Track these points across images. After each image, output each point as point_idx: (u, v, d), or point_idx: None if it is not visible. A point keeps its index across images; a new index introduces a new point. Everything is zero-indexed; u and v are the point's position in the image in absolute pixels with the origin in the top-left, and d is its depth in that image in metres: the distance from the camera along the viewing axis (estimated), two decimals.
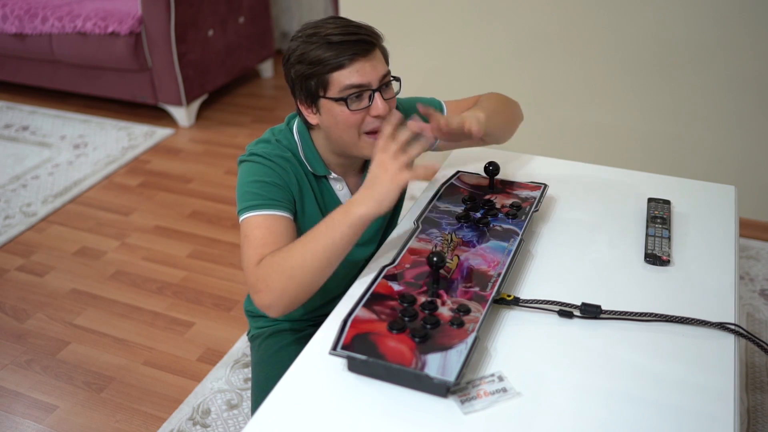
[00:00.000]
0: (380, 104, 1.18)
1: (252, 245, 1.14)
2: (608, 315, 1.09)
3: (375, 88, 1.18)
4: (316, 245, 1.09)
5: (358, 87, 1.16)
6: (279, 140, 1.28)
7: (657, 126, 2.51)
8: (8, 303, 2.23)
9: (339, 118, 1.19)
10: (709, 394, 0.95)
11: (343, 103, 1.17)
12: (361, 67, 1.15)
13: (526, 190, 1.37)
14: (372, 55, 1.17)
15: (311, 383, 0.98)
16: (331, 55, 1.14)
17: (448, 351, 0.95)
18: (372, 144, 1.20)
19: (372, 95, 1.18)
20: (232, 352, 1.99)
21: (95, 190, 2.87)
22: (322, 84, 1.17)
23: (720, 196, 1.43)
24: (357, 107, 1.18)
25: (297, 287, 1.10)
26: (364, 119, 1.19)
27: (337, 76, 1.15)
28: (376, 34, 1.20)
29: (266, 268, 1.10)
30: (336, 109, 1.18)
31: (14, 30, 3.35)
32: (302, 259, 1.09)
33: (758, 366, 1.88)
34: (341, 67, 1.15)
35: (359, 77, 1.16)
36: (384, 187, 1.07)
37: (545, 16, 2.48)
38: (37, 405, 1.85)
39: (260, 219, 1.17)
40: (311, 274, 1.09)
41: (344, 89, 1.16)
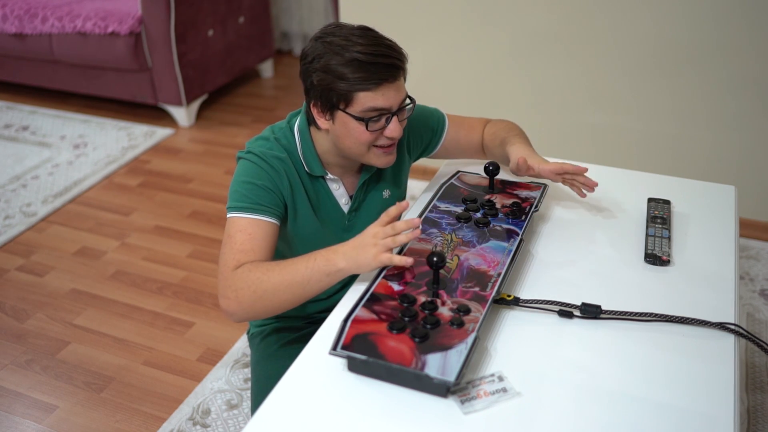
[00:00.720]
0: (395, 128, 1.20)
1: (232, 248, 1.17)
2: (608, 315, 1.09)
3: (394, 111, 1.19)
4: (292, 279, 1.11)
5: (380, 110, 1.18)
6: (278, 138, 1.29)
7: (657, 126, 2.51)
8: (8, 303, 2.23)
9: (353, 133, 1.20)
10: (709, 394, 0.95)
11: (362, 123, 1.18)
12: (387, 92, 1.17)
13: (526, 190, 1.37)
14: (398, 80, 1.18)
15: (311, 383, 0.98)
16: (361, 76, 1.14)
17: (448, 351, 0.95)
18: (380, 155, 1.24)
19: (390, 117, 1.19)
20: (232, 352, 1.99)
21: (95, 190, 2.87)
22: (345, 99, 1.17)
23: (720, 196, 1.43)
24: (374, 128, 1.19)
25: (263, 308, 1.15)
26: (377, 137, 1.21)
27: (362, 97, 1.16)
28: (404, 56, 1.20)
29: (241, 281, 1.13)
30: (352, 125, 1.19)
31: (14, 30, 3.34)
32: (275, 287, 1.12)
33: (758, 366, 1.88)
34: (368, 89, 1.15)
35: (383, 101, 1.17)
36: (367, 259, 1.09)
37: (545, 17, 2.48)
38: (37, 405, 1.85)
39: (245, 222, 1.19)
40: (279, 302, 1.14)
41: (366, 110, 1.17)
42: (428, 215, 1.28)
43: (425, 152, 1.48)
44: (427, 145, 1.46)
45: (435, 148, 1.48)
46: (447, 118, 1.47)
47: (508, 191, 1.36)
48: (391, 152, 1.25)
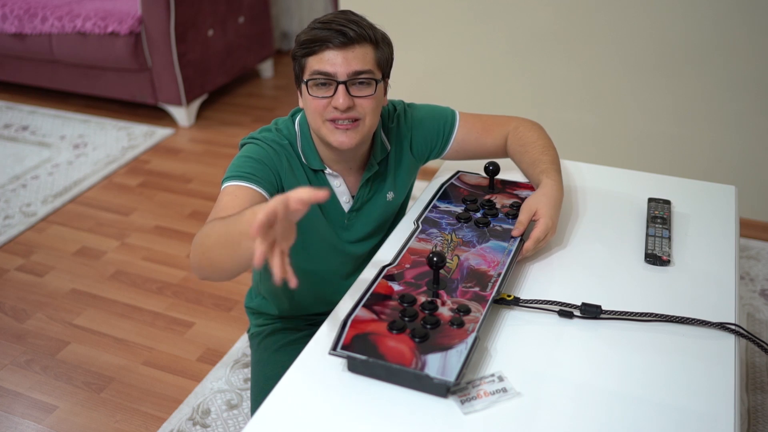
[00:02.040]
0: (340, 98, 1.18)
1: (215, 210, 1.14)
2: (608, 315, 1.08)
3: (341, 80, 1.18)
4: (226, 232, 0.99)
5: (324, 75, 1.18)
6: (279, 129, 1.31)
7: (657, 126, 2.51)
8: (8, 303, 2.23)
9: (306, 102, 1.22)
10: (709, 394, 0.95)
11: (306, 87, 1.20)
12: (332, 57, 1.17)
13: (526, 190, 1.37)
14: (350, 48, 1.17)
15: (311, 383, 0.98)
16: (309, 39, 1.17)
17: (448, 351, 0.95)
18: (332, 130, 1.21)
19: (337, 86, 1.18)
20: (232, 352, 1.99)
21: (95, 190, 2.87)
22: (301, 66, 1.21)
23: (720, 196, 1.43)
24: (317, 94, 1.19)
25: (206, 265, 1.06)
26: (326, 107, 1.20)
27: (311, 61, 1.19)
28: (369, 33, 1.19)
29: (197, 237, 1.08)
30: (305, 93, 1.21)
31: (14, 30, 3.34)
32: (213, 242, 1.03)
33: (758, 366, 1.88)
34: (313, 53, 1.18)
35: (328, 66, 1.17)
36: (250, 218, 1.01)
37: (545, 17, 2.48)
38: (37, 405, 1.85)
39: (233, 188, 1.18)
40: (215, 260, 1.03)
41: (312, 74, 1.19)
42: (428, 215, 1.28)
43: (434, 153, 1.42)
44: (435, 145, 1.40)
45: (445, 149, 1.41)
46: (459, 118, 1.40)
47: (508, 191, 1.36)
48: (345, 130, 1.20)
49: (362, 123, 1.21)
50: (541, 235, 1.21)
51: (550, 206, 1.24)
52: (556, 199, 1.27)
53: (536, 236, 1.21)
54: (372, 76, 1.20)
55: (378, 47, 1.21)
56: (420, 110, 1.40)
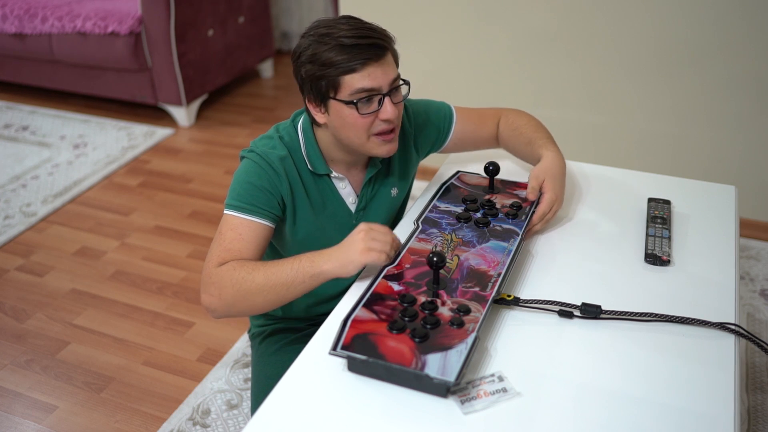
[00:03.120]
0: (389, 109, 1.18)
1: (220, 245, 1.19)
2: (608, 315, 1.08)
3: (385, 92, 1.18)
4: (276, 280, 1.12)
5: (369, 91, 1.16)
6: (281, 137, 1.29)
7: (657, 126, 2.51)
8: (8, 303, 2.23)
9: (348, 120, 1.19)
10: (709, 394, 0.94)
11: (353, 107, 1.17)
12: (373, 72, 1.15)
13: (526, 190, 1.37)
14: (384, 59, 1.17)
15: (311, 383, 0.98)
16: (344, 58, 1.14)
17: (448, 351, 0.95)
18: (380, 144, 1.22)
19: (382, 99, 1.18)
20: (232, 352, 1.99)
21: (95, 190, 2.87)
22: (333, 86, 1.17)
23: (720, 196, 1.43)
24: (366, 111, 1.18)
25: (245, 307, 1.16)
26: (373, 122, 1.19)
27: (349, 80, 1.15)
28: (389, 37, 1.20)
29: (225, 279, 1.14)
30: (345, 111, 1.18)
31: (14, 30, 3.34)
32: (258, 287, 1.12)
33: (758, 366, 1.88)
34: (353, 71, 1.15)
35: (370, 82, 1.16)
36: (352, 256, 1.10)
37: (545, 16, 2.48)
38: (37, 405, 1.85)
39: (237, 221, 1.20)
40: (262, 302, 1.14)
41: (355, 93, 1.16)
42: (428, 215, 1.28)
43: (434, 148, 1.46)
44: (435, 141, 1.44)
45: (444, 143, 1.46)
46: (455, 111, 1.45)
47: (508, 191, 1.36)
48: (392, 140, 1.23)
49: (398, 129, 1.24)
50: (546, 209, 1.28)
51: (554, 178, 1.31)
52: (560, 169, 1.34)
53: (542, 211, 1.28)
54: (401, 80, 1.22)
55: (392, 49, 1.22)
56: (419, 106, 1.42)
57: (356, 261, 1.09)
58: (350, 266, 1.10)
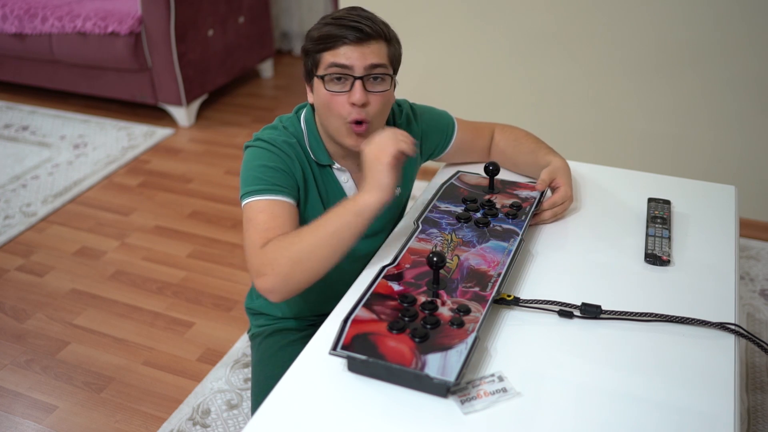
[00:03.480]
0: (358, 93, 1.19)
1: (256, 229, 1.15)
2: (608, 315, 1.08)
3: (358, 75, 1.19)
4: (324, 231, 1.10)
5: (341, 68, 1.18)
6: (285, 127, 1.30)
7: (657, 126, 2.51)
8: (8, 303, 2.23)
9: (322, 98, 1.21)
10: (709, 394, 0.94)
11: (322, 81, 1.20)
12: (349, 51, 1.18)
13: (526, 190, 1.37)
14: (365, 44, 1.19)
15: (311, 383, 0.98)
16: (325, 35, 1.18)
17: (448, 351, 0.95)
18: (349, 133, 1.22)
19: (354, 82, 1.19)
20: (232, 352, 1.99)
21: (95, 190, 2.87)
22: (315, 62, 1.21)
23: (720, 196, 1.43)
24: (334, 89, 1.19)
25: (303, 272, 1.11)
26: (344, 105, 1.20)
27: (327, 56, 1.19)
28: (384, 30, 1.22)
29: (273, 252, 1.10)
30: (321, 90, 1.21)
31: (14, 30, 3.34)
32: (310, 245, 1.10)
33: (758, 366, 1.88)
34: (330, 48, 1.18)
35: (343, 59, 1.18)
36: (378, 171, 1.10)
37: (545, 17, 2.48)
38: (37, 405, 1.85)
39: (264, 203, 1.18)
40: (318, 260, 1.10)
41: (328, 67, 1.19)
42: (428, 215, 1.28)
43: (434, 154, 1.48)
44: (436, 147, 1.47)
45: (444, 151, 1.48)
46: (456, 121, 1.47)
47: (508, 191, 1.36)
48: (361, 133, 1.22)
49: (370, 126, 1.23)
50: (559, 201, 1.31)
51: (567, 177, 1.36)
52: (570, 173, 1.38)
53: (554, 200, 1.32)
54: (386, 71, 1.22)
55: (390, 44, 1.23)
56: (426, 111, 1.45)
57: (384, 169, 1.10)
58: (385, 182, 1.10)
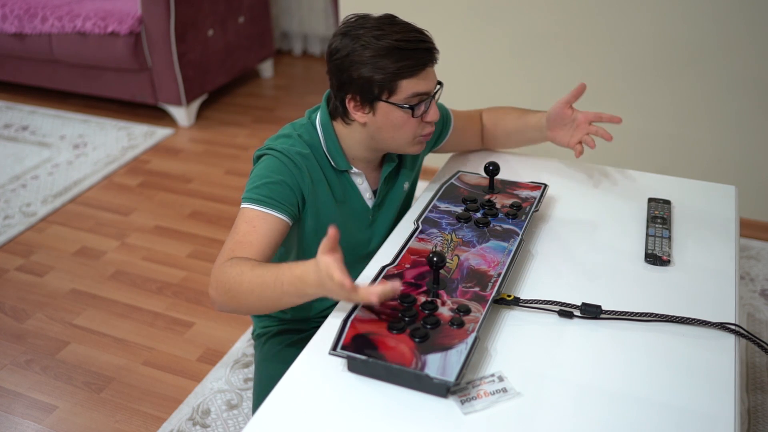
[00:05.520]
0: (435, 111, 1.23)
1: (233, 238, 1.17)
2: (608, 315, 1.08)
3: (432, 94, 1.22)
4: (263, 291, 1.07)
5: (423, 95, 1.20)
6: (300, 135, 1.28)
7: (657, 126, 2.51)
8: (8, 303, 2.23)
9: (397, 122, 1.21)
10: (709, 394, 0.95)
11: (408, 110, 1.20)
12: (427, 75, 1.20)
13: (526, 190, 1.37)
14: (435, 63, 1.22)
15: (311, 383, 0.98)
16: (405, 64, 1.16)
17: (448, 351, 0.95)
18: (416, 144, 1.26)
19: (429, 102, 1.22)
20: (232, 352, 1.99)
21: (95, 190, 2.87)
22: (389, 89, 1.18)
23: (720, 196, 1.43)
24: (419, 113, 1.21)
25: (235, 307, 1.14)
26: (420, 124, 1.23)
27: (406, 84, 1.18)
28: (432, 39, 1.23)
29: (223, 275, 1.11)
30: (396, 114, 1.20)
31: (14, 30, 3.34)
32: (246, 293, 1.09)
33: (758, 366, 1.88)
34: (412, 75, 1.18)
35: (425, 86, 1.19)
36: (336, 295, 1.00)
37: (545, 17, 2.48)
38: (37, 405, 1.85)
39: (253, 214, 1.19)
40: (250, 306, 1.12)
41: (410, 97, 1.19)
42: (428, 215, 1.28)
43: (434, 145, 1.49)
44: (438, 137, 1.47)
45: (442, 141, 1.49)
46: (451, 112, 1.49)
47: (508, 191, 1.36)
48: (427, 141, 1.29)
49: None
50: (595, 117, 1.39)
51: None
52: None
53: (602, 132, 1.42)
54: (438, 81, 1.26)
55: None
56: None
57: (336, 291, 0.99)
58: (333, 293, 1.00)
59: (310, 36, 4.24)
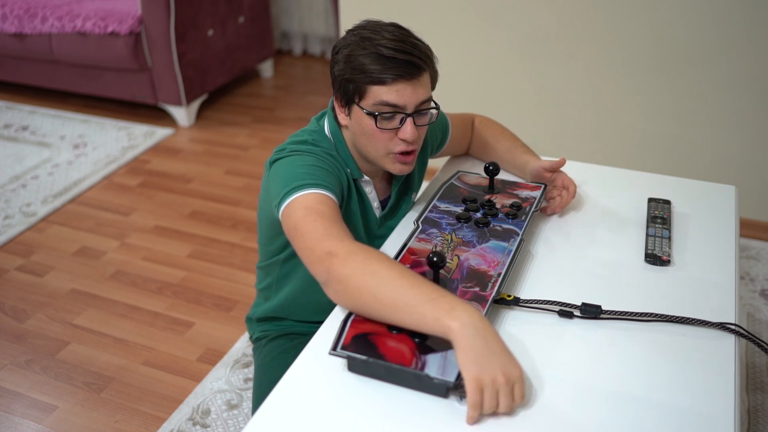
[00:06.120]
0: (409, 130, 1.15)
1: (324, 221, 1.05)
2: (608, 315, 1.08)
3: (410, 112, 1.15)
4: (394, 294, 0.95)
5: (393, 107, 1.14)
6: (316, 141, 1.24)
7: (657, 126, 2.51)
8: (8, 303, 2.23)
9: (366, 129, 1.17)
10: (709, 394, 0.94)
11: (373, 118, 1.15)
12: (402, 89, 1.13)
13: (526, 190, 1.37)
14: (417, 79, 1.14)
15: (311, 383, 0.98)
16: (376, 68, 1.11)
17: (448, 351, 0.95)
18: (394, 162, 1.20)
19: (404, 119, 1.15)
20: (232, 352, 1.99)
21: (95, 190, 2.87)
22: (359, 92, 1.15)
23: (720, 196, 1.43)
24: (385, 126, 1.16)
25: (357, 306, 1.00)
26: (392, 139, 1.17)
27: (375, 90, 1.13)
28: (430, 57, 1.17)
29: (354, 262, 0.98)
30: (365, 121, 1.16)
31: (14, 30, 3.34)
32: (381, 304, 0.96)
33: (758, 366, 1.88)
34: (382, 83, 1.12)
35: (396, 98, 1.13)
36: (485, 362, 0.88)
37: (545, 16, 2.48)
38: (37, 405, 1.85)
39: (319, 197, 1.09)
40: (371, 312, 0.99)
41: (378, 104, 1.14)
42: (428, 215, 1.28)
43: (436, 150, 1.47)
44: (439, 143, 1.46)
45: (443, 146, 1.47)
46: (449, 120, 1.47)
47: (508, 191, 1.36)
48: (409, 162, 1.20)
49: (417, 151, 1.22)
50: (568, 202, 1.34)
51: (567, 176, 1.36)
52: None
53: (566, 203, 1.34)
54: (432, 104, 1.19)
55: (432, 69, 1.19)
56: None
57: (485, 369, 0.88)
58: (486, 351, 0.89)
59: (310, 36, 4.24)
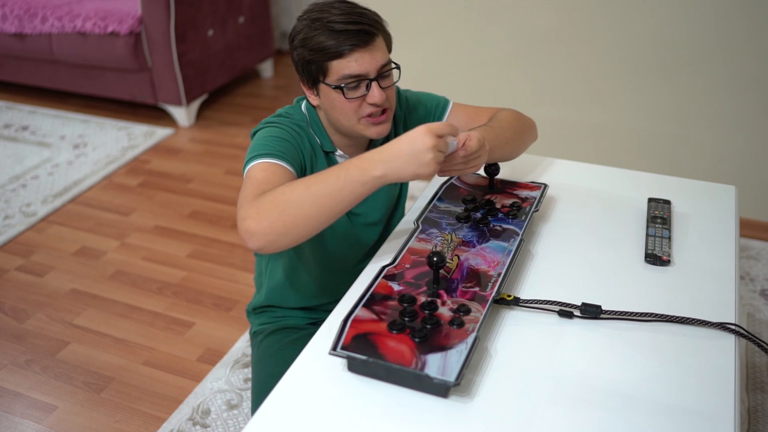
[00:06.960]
0: (377, 93, 1.20)
1: (253, 184, 1.13)
2: (608, 315, 1.08)
3: (373, 77, 1.19)
4: (320, 189, 1.06)
5: (356, 77, 1.18)
6: (290, 114, 1.31)
7: (657, 126, 2.51)
8: (8, 303, 2.23)
9: (336, 103, 1.21)
10: (709, 394, 0.94)
11: (340, 91, 1.19)
12: (360, 57, 1.17)
13: (526, 190, 1.37)
14: (372, 45, 1.19)
15: (311, 383, 0.98)
16: (332, 44, 1.16)
17: (448, 351, 0.95)
18: (369, 125, 1.23)
19: (369, 84, 1.20)
20: (232, 352, 1.99)
21: (95, 190, 2.87)
22: (322, 70, 1.19)
23: (720, 196, 1.43)
24: (353, 95, 1.20)
25: (287, 225, 1.05)
26: (361, 105, 1.21)
27: (336, 65, 1.18)
28: (379, 21, 1.22)
29: (262, 200, 1.07)
30: (333, 95, 1.21)
31: (14, 30, 3.34)
32: (301, 199, 1.06)
33: (758, 366, 1.88)
34: (340, 56, 1.17)
35: (357, 67, 1.17)
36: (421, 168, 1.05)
37: (545, 16, 2.48)
38: (37, 405, 1.85)
39: (266, 165, 1.17)
40: (306, 216, 1.06)
41: (342, 78, 1.18)
42: (428, 215, 1.28)
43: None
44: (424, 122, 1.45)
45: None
46: (452, 105, 1.44)
47: (508, 191, 1.36)
48: (382, 122, 1.24)
49: (390, 111, 1.25)
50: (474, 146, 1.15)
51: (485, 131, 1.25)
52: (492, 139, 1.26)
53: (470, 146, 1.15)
54: (392, 65, 1.23)
55: (384, 33, 1.23)
56: (414, 95, 1.44)
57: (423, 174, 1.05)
58: (411, 178, 1.06)
59: None
